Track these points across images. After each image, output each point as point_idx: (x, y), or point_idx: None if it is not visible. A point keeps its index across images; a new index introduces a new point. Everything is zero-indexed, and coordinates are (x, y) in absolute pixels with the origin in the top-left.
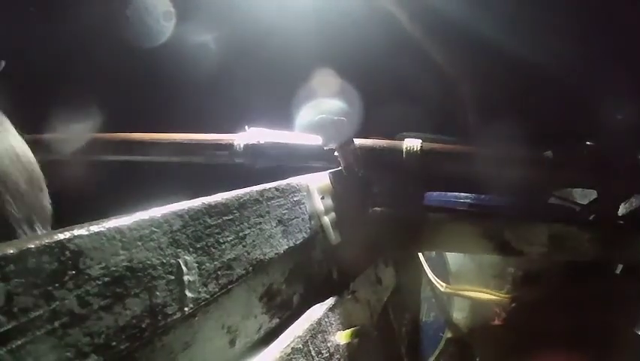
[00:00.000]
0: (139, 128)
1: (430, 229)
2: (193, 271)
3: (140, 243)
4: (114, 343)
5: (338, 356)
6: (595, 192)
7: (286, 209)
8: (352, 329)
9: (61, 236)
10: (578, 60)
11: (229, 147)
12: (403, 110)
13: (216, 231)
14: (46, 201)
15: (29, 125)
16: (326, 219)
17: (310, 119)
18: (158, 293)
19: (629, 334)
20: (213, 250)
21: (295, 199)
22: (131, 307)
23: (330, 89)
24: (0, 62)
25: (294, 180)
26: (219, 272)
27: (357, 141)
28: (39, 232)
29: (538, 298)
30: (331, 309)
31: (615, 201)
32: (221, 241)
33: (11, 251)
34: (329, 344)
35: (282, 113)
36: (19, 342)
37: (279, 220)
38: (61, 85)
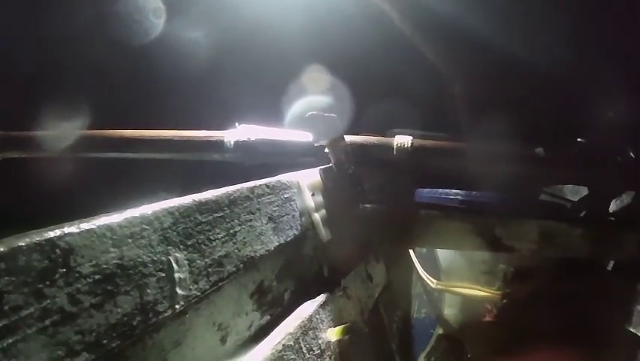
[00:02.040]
0: (129, 125)
1: (420, 225)
2: (184, 269)
3: (130, 240)
4: (105, 341)
5: (329, 352)
6: (586, 188)
7: (277, 206)
8: (343, 325)
9: (51, 234)
10: (569, 57)
11: (219, 144)
12: (394, 107)
13: (207, 228)
14: None
15: (20, 123)
16: (316, 216)
17: (300, 116)
18: (149, 291)
19: (619, 330)
20: (204, 247)
21: (286, 196)
22: (122, 305)
23: (321, 85)
24: None
25: (284, 177)
26: (210, 269)
27: (348, 138)
28: None
29: (529, 294)
30: (322, 306)
31: (606, 197)
32: (211, 238)
33: (1, 249)
34: (320, 341)
35: (272, 110)
36: (10, 340)
37: (269, 217)
38: (51, 82)
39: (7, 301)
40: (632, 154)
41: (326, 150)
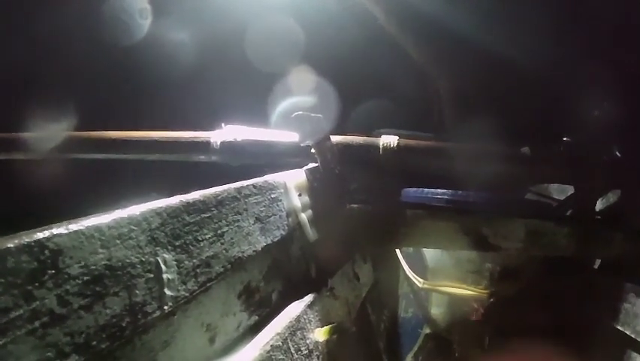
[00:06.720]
0: (116, 126)
1: (407, 225)
2: (172, 270)
3: (118, 241)
4: (94, 342)
5: (317, 352)
6: (572, 187)
7: (264, 206)
8: (331, 325)
9: (40, 235)
10: (555, 57)
11: (206, 144)
12: (380, 107)
13: (195, 228)
14: None
15: (6, 125)
16: (303, 216)
17: (287, 116)
18: (137, 292)
19: (607, 328)
20: (192, 247)
21: (273, 196)
22: (110, 306)
23: (307, 86)
24: None
25: (271, 178)
26: (198, 270)
27: (334, 138)
28: None
29: (516, 293)
30: (310, 306)
31: (592, 196)
32: (199, 238)
33: None
34: (308, 341)
35: (258, 111)
36: (0, 342)
37: (256, 217)
38: (38, 84)
39: None
40: (617, 153)
41: (312, 150)
